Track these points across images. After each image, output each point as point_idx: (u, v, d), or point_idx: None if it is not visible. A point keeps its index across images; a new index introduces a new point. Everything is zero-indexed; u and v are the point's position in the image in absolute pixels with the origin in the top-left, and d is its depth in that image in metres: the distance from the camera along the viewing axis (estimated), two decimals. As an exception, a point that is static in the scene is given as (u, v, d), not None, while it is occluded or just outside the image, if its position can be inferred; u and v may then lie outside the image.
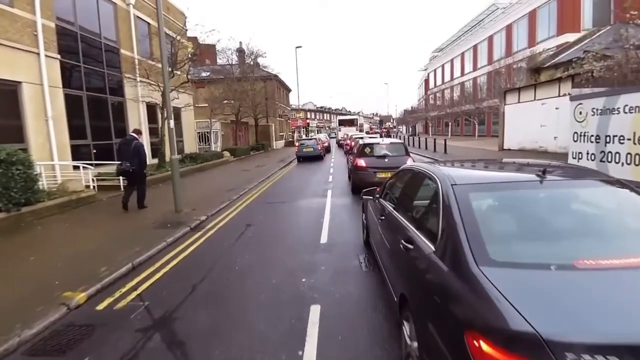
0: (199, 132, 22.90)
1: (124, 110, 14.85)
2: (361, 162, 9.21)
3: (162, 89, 13.87)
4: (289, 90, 48.64)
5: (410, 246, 2.45)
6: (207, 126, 23.27)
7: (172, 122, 7.97)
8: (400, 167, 3.85)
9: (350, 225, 6.69)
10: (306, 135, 45.70)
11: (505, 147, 20.67)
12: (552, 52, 22.98)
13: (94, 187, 10.35)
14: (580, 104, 11.33)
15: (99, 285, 4.51)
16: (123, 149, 8.27)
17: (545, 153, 16.95)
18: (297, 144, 22.15)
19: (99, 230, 6.89)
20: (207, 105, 23.80)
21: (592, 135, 10.88)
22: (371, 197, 4.36)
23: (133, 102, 15.03)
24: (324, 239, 5.87)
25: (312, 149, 21.21)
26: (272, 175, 14.85)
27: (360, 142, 10.59)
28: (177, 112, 18.89)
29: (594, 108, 10.79)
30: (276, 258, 5.12)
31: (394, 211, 3.26)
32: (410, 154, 9.70)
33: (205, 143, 23.12)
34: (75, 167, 10.96)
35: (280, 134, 42.63)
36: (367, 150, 9.56)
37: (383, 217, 3.51)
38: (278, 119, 40.09)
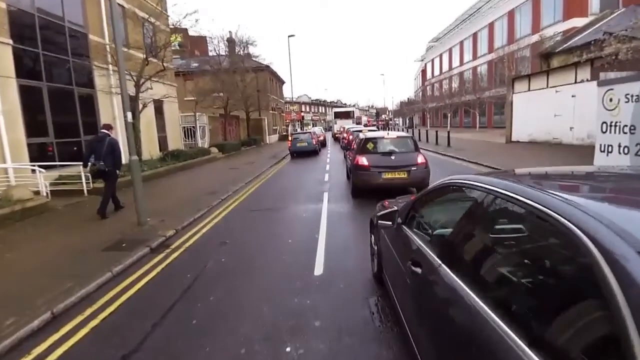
0: (184, 127, 21.26)
1: (94, 103, 13.20)
2: (363, 161, 7.75)
3: (135, 78, 12.38)
4: (282, 82, 46.84)
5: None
6: (193, 120, 21.65)
7: (129, 115, 6.45)
8: (441, 182, 2.34)
9: (352, 244, 5.25)
10: (301, 129, 44.01)
11: (513, 139, 19.30)
12: (563, 37, 21.50)
13: (46, 193, 8.81)
14: (611, 89, 9.89)
15: (-10, 354, 3.07)
16: (96, 146, 7.23)
17: (559, 145, 15.59)
18: (290, 138, 20.63)
19: (33, 254, 5.40)
20: (194, 98, 22.20)
21: (626, 125, 9.46)
22: (389, 223, 2.90)
23: (105, 94, 13.39)
24: (318, 267, 4.40)
25: (306, 143, 19.71)
26: (261, 174, 13.36)
27: (361, 136, 9.11)
28: (159, 105, 17.32)
29: (627, 94, 9.35)
30: (251, 302, 3.67)
31: (441, 264, 1.80)
32: (421, 150, 8.25)
33: (192, 139, 21.51)
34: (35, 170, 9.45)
35: (274, 127, 40.97)
36: (370, 146, 8.08)
37: (419, 271, 2.04)
38: (271, 112, 38.40)
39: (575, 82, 15.00)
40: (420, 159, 7.68)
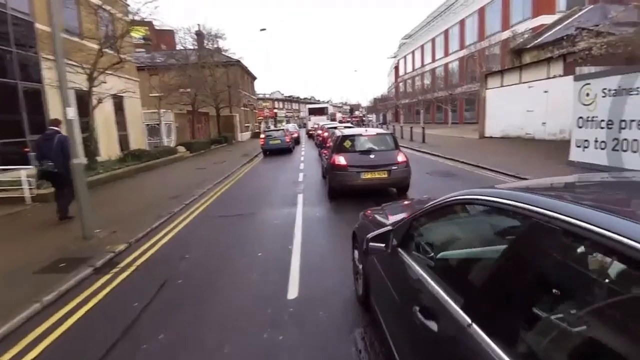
0: (148, 125, 19.98)
1: (42, 99, 11.92)
2: (340, 160, 7.16)
3: (87, 71, 11.25)
4: (254, 77, 45.59)
5: None
6: (158, 118, 20.40)
7: (72, 111, 5.58)
8: (454, 198, 1.72)
9: (330, 257, 4.64)
10: (274, 126, 42.96)
11: (486, 135, 19.34)
12: (532, 34, 21.75)
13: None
14: (588, 84, 9.78)
15: None
16: (44, 145, 6.43)
17: (532, 140, 15.64)
18: (263, 135, 19.84)
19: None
20: (159, 94, 20.92)
21: (603, 120, 9.36)
22: (382, 245, 2.29)
23: (54, 88, 12.07)
24: (293, 288, 3.75)
25: (279, 141, 19.01)
26: (231, 174, 12.52)
27: (338, 133, 8.51)
28: (119, 101, 16.07)
29: (605, 88, 9.23)
30: (211, 341, 2.97)
31: (472, 324, 1.21)
32: (401, 148, 7.75)
33: (157, 137, 20.27)
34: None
35: (246, 125, 39.76)
36: (347, 144, 7.49)
37: (434, 328, 1.42)
38: (243, 108, 37.19)
39: (548, 78, 15.05)
40: (400, 158, 7.18)
